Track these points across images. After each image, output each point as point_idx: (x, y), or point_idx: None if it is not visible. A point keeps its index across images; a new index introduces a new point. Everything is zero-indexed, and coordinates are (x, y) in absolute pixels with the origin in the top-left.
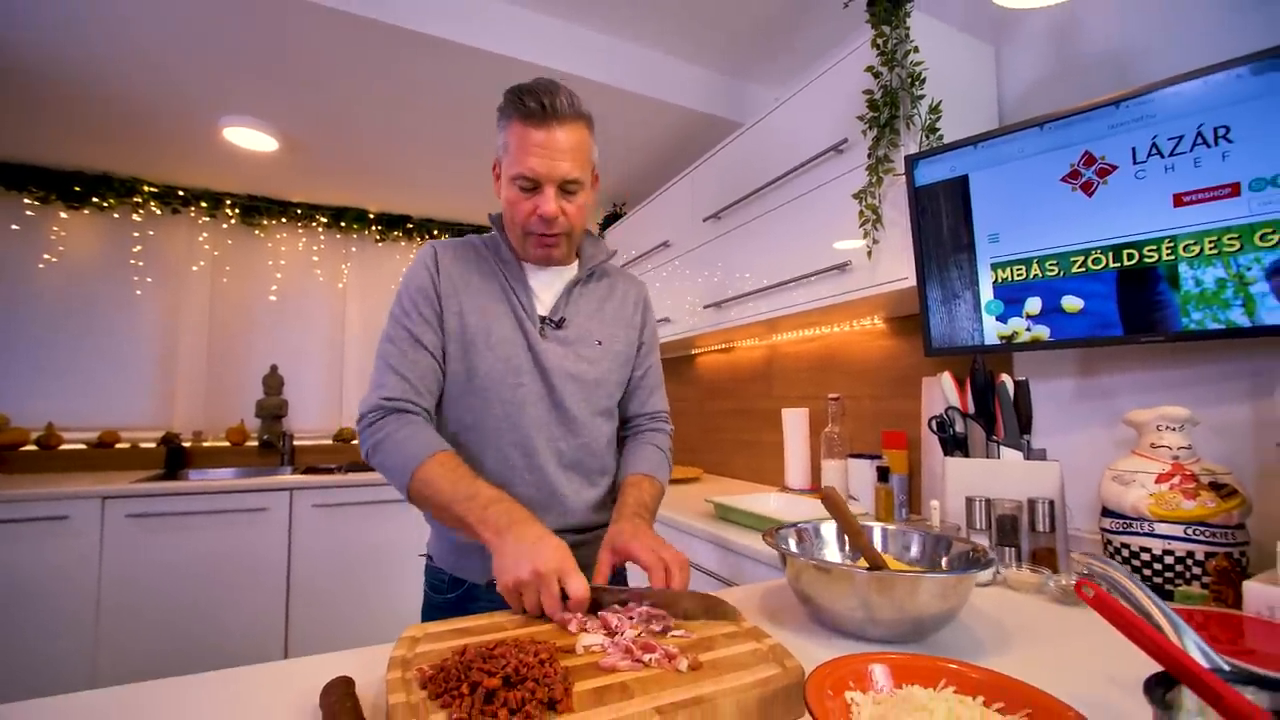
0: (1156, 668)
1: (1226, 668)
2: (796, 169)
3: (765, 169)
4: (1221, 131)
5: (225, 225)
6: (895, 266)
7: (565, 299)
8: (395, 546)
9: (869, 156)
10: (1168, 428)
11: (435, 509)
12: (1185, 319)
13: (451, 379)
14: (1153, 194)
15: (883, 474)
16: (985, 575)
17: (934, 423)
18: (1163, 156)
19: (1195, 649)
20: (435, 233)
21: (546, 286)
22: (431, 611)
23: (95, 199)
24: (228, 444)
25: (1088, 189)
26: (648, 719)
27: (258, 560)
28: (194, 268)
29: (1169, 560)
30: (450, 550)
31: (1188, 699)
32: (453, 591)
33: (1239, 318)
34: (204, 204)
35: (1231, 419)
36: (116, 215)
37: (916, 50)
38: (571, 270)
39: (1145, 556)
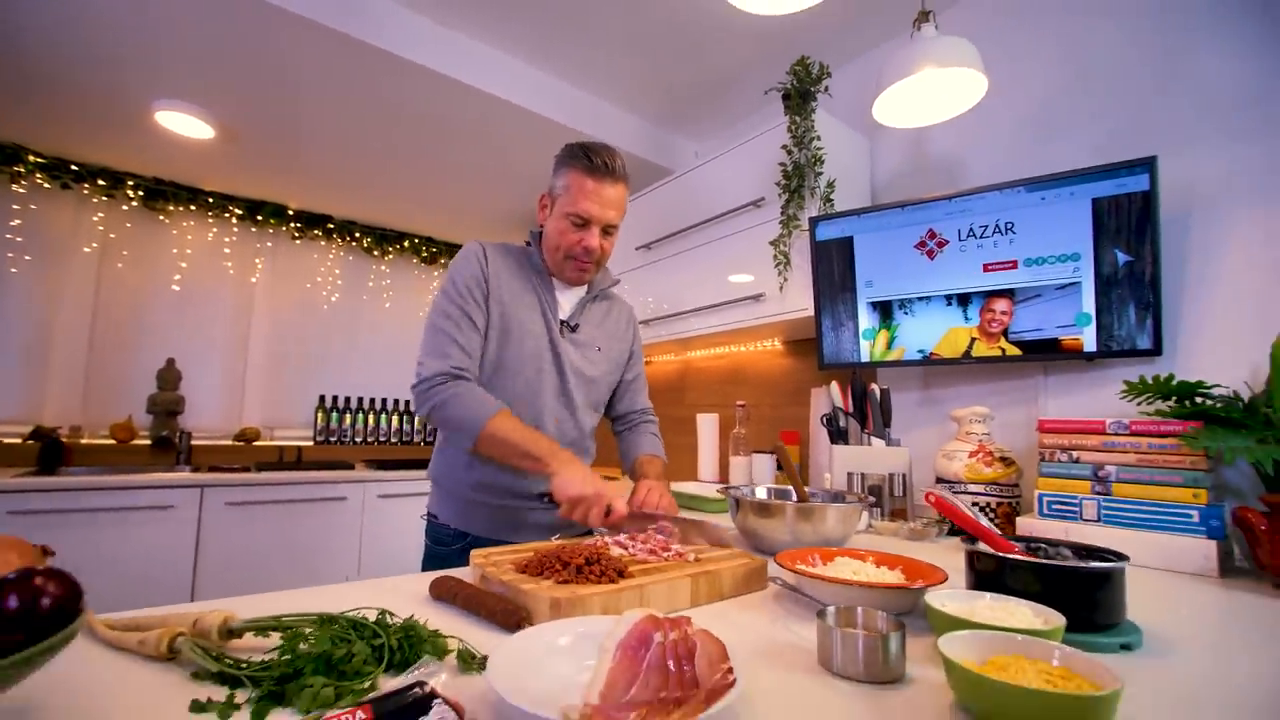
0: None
1: (999, 531)
2: (722, 215)
3: (694, 211)
4: (1009, 225)
5: (125, 207)
6: (798, 299)
7: (580, 310)
8: (319, 546)
9: (782, 213)
10: (976, 421)
11: (503, 446)
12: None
13: (485, 360)
14: (971, 262)
15: (780, 465)
16: (863, 523)
17: (824, 419)
18: (977, 238)
19: (986, 522)
20: (357, 235)
21: (566, 297)
22: (434, 563)
23: None
24: (112, 441)
25: (930, 255)
26: (683, 580)
27: (161, 560)
28: (85, 249)
29: (976, 509)
30: (460, 509)
31: (981, 545)
32: (457, 543)
33: (1011, 350)
34: (101, 182)
35: (1013, 416)
36: None
37: (819, 138)
38: (583, 288)
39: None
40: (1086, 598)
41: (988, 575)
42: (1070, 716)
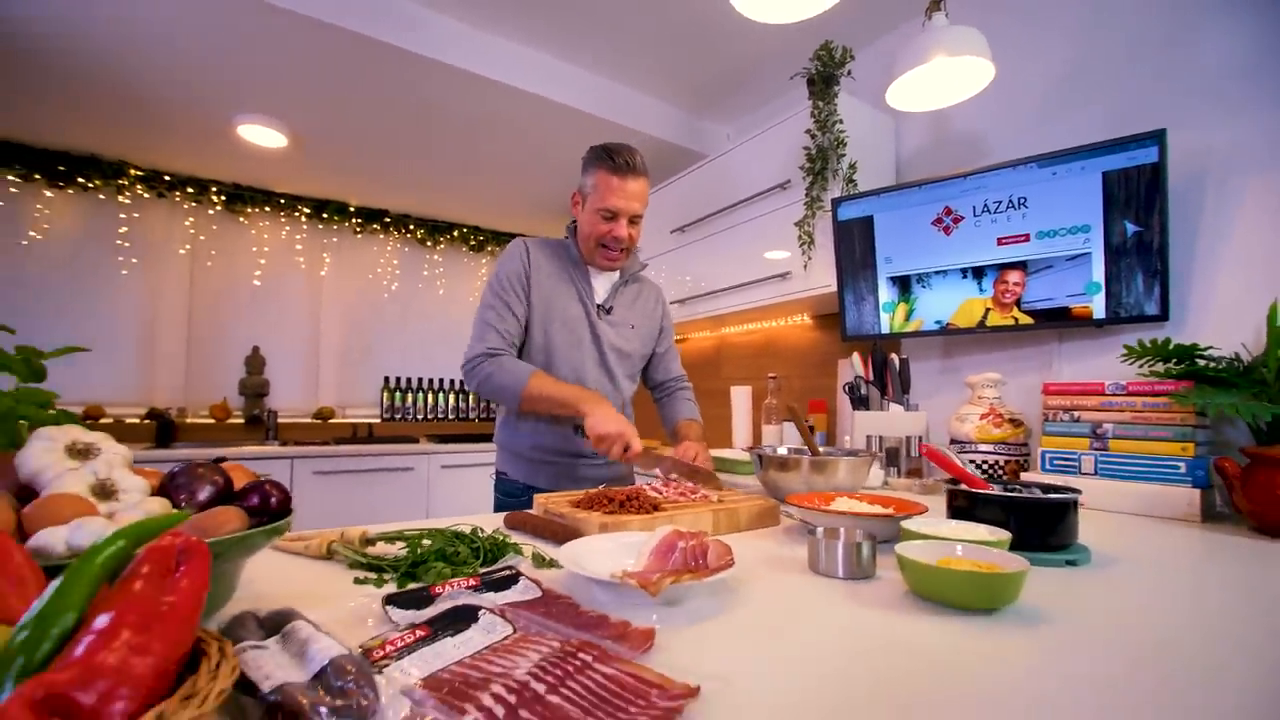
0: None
1: (979, 475)
2: (750, 198)
3: (724, 195)
4: (1022, 200)
5: (211, 211)
6: (822, 276)
7: (613, 294)
8: (392, 509)
9: (806, 195)
10: (987, 386)
11: (543, 400)
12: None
13: (533, 344)
14: (985, 236)
15: (810, 431)
16: (879, 480)
17: (847, 387)
18: (991, 213)
19: (971, 469)
20: (411, 227)
21: (600, 283)
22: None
23: (80, 179)
24: (211, 420)
25: (947, 231)
26: (709, 514)
27: None
28: (180, 250)
29: (985, 467)
30: (526, 466)
31: (962, 486)
32: (525, 495)
33: (1024, 319)
34: (190, 189)
35: (1025, 381)
36: (102, 196)
37: (841, 122)
38: (615, 274)
39: (972, 466)
40: (1042, 524)
41: (964, 510)
42: (985, 588)
